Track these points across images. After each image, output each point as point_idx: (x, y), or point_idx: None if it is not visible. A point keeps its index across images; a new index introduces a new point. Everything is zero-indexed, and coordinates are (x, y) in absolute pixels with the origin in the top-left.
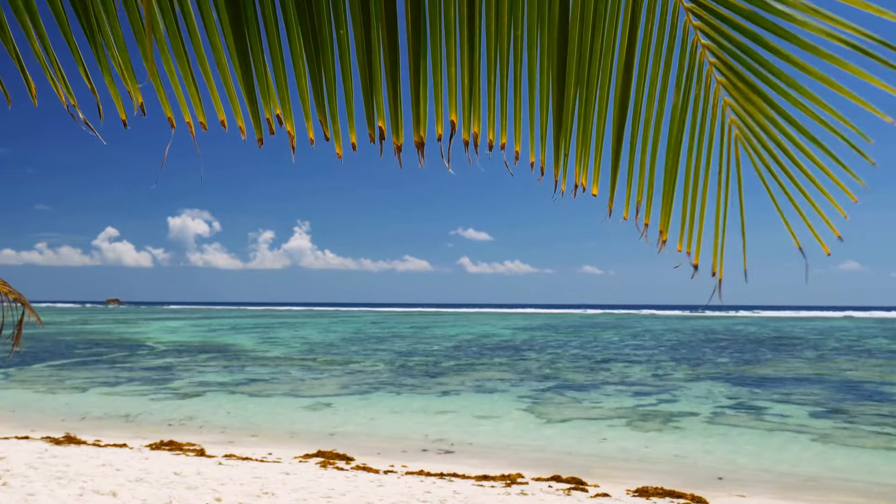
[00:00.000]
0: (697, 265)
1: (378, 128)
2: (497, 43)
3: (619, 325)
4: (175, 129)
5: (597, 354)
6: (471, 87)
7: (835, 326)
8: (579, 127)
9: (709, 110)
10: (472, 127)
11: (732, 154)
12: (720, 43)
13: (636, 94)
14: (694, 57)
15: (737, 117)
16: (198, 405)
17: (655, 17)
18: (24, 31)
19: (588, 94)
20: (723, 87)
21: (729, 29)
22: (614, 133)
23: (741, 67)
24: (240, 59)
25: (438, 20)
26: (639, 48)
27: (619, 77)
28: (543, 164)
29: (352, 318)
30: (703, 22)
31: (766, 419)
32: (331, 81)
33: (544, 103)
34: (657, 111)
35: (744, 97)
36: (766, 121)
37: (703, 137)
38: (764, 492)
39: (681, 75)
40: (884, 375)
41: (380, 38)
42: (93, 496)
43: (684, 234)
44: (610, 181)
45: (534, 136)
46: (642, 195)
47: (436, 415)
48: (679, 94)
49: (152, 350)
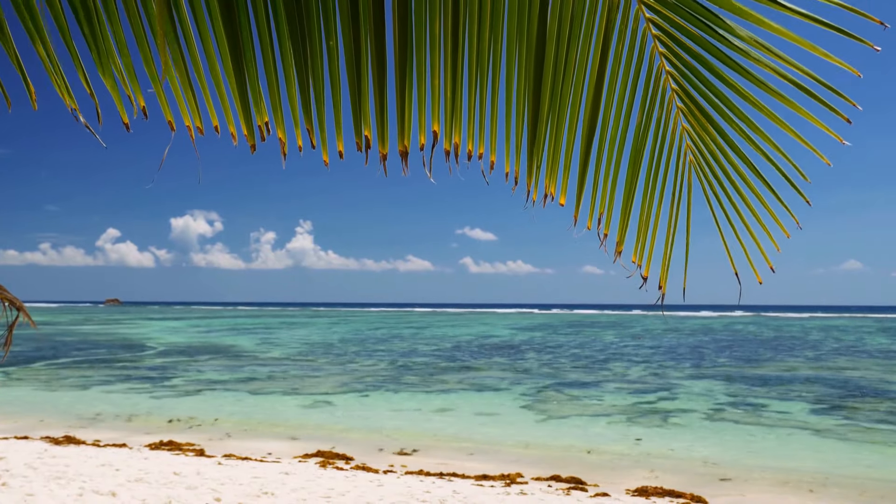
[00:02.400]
0: (647, 276)
1: (364, 136)
2: (478, 57)
3: (619, 325)
4: (175, 131)
5: (597, 354)
6: (453, 98)
7: (835, 326)
8: (551, 140)
9: (668, 134)
10: (453, 137)
11: (686, 177)
12: (682, 72)
13: (604, 112)
14: (658, 82)
15: (692, 143)
16: (197, 405)
17: (625, 42)
18: (28, 34)
19: (560, 110)
20: (682, 114)
21: (690, 59)
22: (582, 147)
23: (698, 96)
24: (234, 67)
25: (424, 34)
26: (609, 69)
27: (590, 95)
28: (517, 175)
29: (353, 318)
30: (668, 50)
31: (765, 418)
32: (319, 91)
33: (520, 116)
34: (622, 130)
35: (699, 125)
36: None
37: (661, 159)
38: (764, 490)
39: (645, 98)
40: (883, 374)
41: (368, 49)
42: (92, 496)
43: (638, 246)
44: (576, 192)
45: (509, 148)
46: (604, 207)
47: (436, 414)
48: (642, 115)
49: (152, 350)
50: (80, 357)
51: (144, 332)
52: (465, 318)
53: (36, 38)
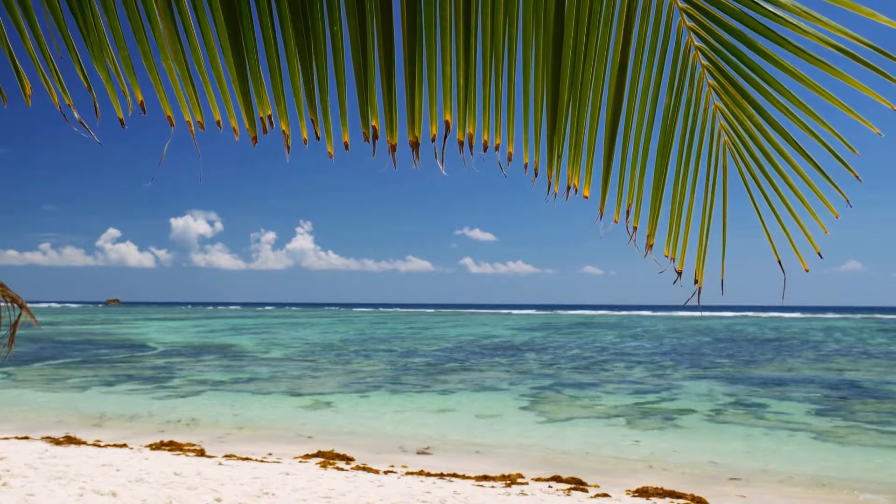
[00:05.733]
0: (682, 271)
1: (372, 127)
2: (493, 42)
3: (620, 325)
4: (174, 126)
5: (597, 354)
6: (466, 86)
7: (835, 326)
8: (572, 128)
9: (699, 114)
10: (467, 127)
11: (720, 160)
12: (712, 45)
13: (629, 96)
14: (687, 59)
15: (726, 123)
16: (198, 405)
17: (650, 18)
18: (17, 30)
19: (582, 94)
20: (714, 91)
21: (721, 31)
22: (606, 135)
23: (732, 71)
24: (234, 57)
25: (434, 17)
26: (633, 49)
27: (613, 78)
28: (537, 166)
29: (353, 318)
30: (696, 23)
31: (766, 419)
32: (324, 79)
33: (538, 104)
34: (649, 114)
35: (734, 101)
36: (753, 128)
37: (693, 142)
38: (764, 491)
39: (673, 77)
40: (884, 375)
41: (375, 34)
42: (93, 496)
43: (671, 239)
44: (601, 183)
45: (527, 138)
46: (632, 199)
47: (436, 415)
48: (671, 97)
49: (153, 350)
50: (80, 357)
51: (145, 332)
52: (465, 319)
53: (25, 34)
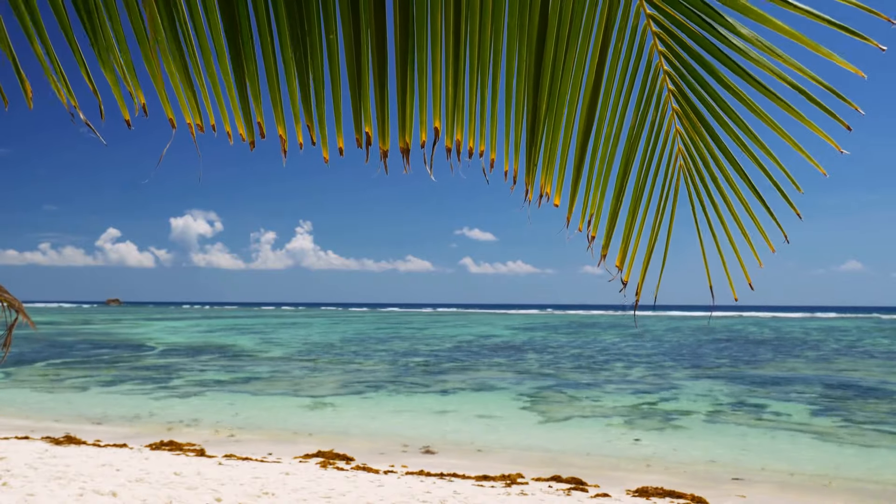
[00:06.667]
0: (627, 281)
1: (365, 133)
2: (480, 53)
3: (620, 325)
4: (176, 128)
5: (597, 354)
6: (455, 95)
7: (835, 326)
8: (548, 140)
9: (661, 137)
10: (455, 134)
11: (674, 182)
12: (679, 72)
13: (600, 112)
14: (655, 82)
15: (683, 147)
16: (198, 405)
17: (625, 39)
18: (24, 32)
19: (558, 108)
20: (676, 115)
21: (689, 58)
22: (577, 148)
23: (694, 97)
24: (233, 63)
25: (426, 28)
26: (607, 67)
27: (588, 92)
28: (516, 174)
29: (353, 318)
30: (666, 48)
31: (766, 419)
32: (319, 86)
33: (520, 114)
34: (616, 132)
35: (693, 127)
36: (707, 155)
37: (652, 162)
38: (764, 491)
39: (640, 99)
40: (884, 375)
41: (369, 44)
42: (93, 496)
43: (623, 251)
44: (570, 193)
45: (509, 146)
46: (594, 210)
47: (436, 415)
48: (636, 117)
49: (153, 350)
50: (80, 357)
51: (145, 332)
52: (465, 319)
53: (33, 36)
